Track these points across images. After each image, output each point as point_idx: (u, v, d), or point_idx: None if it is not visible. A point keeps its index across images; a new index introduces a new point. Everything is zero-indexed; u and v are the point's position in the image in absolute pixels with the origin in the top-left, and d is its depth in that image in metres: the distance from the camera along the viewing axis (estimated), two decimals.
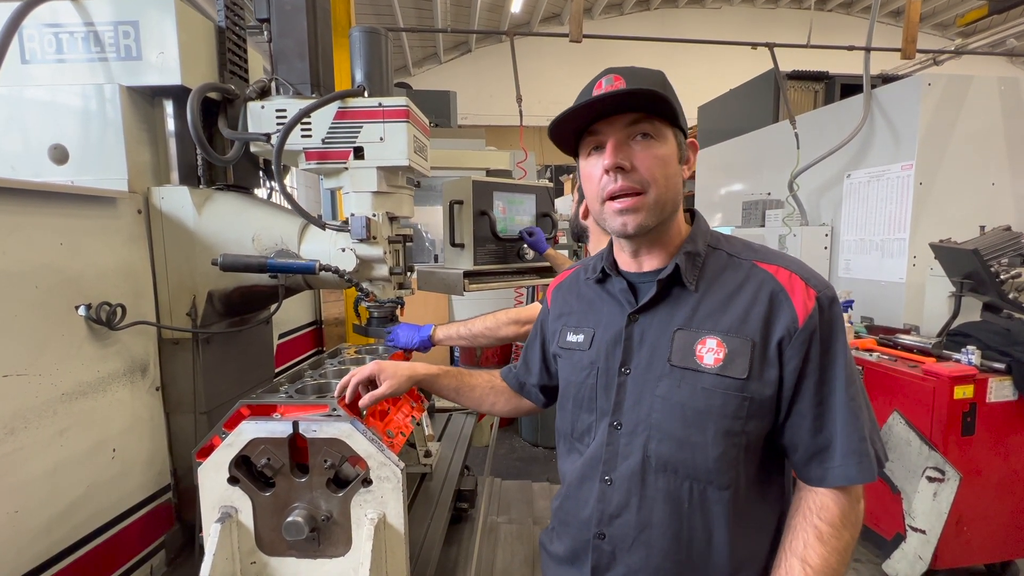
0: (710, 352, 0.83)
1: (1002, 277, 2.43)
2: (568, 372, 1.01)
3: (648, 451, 0.86)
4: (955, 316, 2.65)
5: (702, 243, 0.91)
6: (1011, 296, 2.45)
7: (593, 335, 0.96)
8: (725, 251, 0.91)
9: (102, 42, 1.32)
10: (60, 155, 1.32)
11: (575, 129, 0.90)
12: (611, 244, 1.01)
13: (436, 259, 4.05)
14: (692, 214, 0.98)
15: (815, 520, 0.81)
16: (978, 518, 2.38)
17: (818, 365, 0.82)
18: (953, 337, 2.55)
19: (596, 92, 0.84)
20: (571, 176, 10.69)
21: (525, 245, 2.28)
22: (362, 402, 1.07)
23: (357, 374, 1.10)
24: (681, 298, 0.88)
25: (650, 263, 0.93)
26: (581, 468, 0.94)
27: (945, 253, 2.65)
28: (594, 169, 0.88)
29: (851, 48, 4.15)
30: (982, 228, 2.77)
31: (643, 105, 0.83)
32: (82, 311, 1.14)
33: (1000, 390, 2.32)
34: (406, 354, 1.61)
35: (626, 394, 0.90)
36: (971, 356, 2.34)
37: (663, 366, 0.86)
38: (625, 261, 0.96)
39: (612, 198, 0.86)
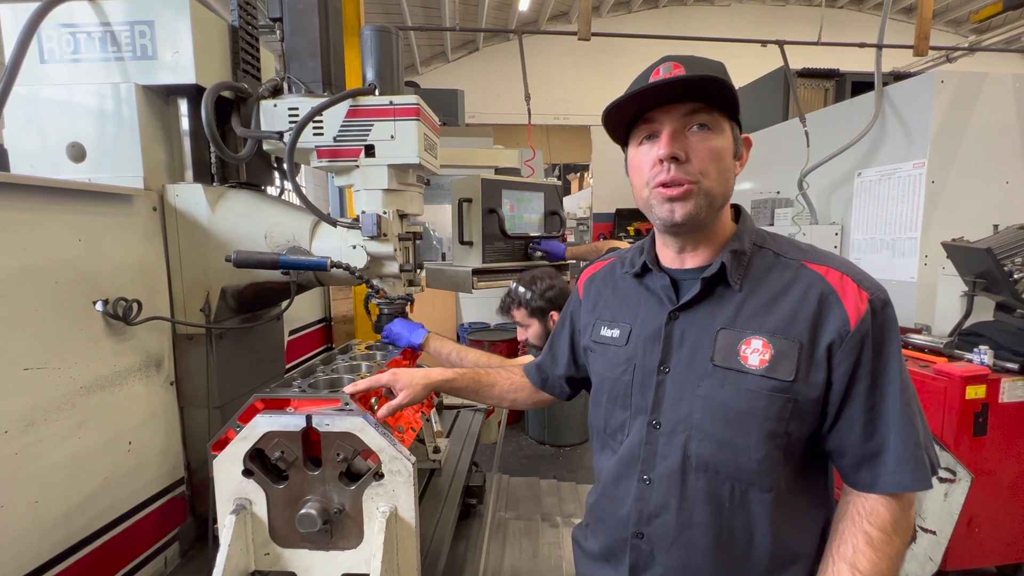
0: (755, 353, 0.81)
1: (1016, 276, 2.40)
2: (602, 367, 0.98)
3: (688, 451, 0.85)
4: (967, 316, 2.62)
5: (748, 241, 0.89)
6: None
7: (630, 331, 0.94)
8: (772, 250, 0.88)
9: (118, 42, 1.34)
10: (78, 153, 1.34)
11: (628, 117, 0.86)
12: (652, 238, 0.99)
13: (443, 257, 4.06)
14: (737, 211, 0.95)
15: (865, 525, 0.79)
16: (990, 519, 2.36)
17: (871, 370, 0.79)
18: (965, 337, 2.53)
19: (653, 79, 0.81)
20: (579, 175, 10.65)
21: (539, 253, 2.28)
22: (380, 413, 1.07)
23: (374, 381, 1.10)
24: (725, 297, 0.86)
25: (694, 260, 0.91)
26: (617, 466, 0.93)
27: (957, 252, 2.62)
28: (645, 158, 0.85)
29: (862, 45, 4.11)
30: (995, 227, 2.73)
31: (703, 95, 0.80)
32: (99, 306, 1.16)
33: (1013, 390, 2.29)
34: (414, 351, 1.62)
35: (665, 393, 0.88)
36: (983, 356, 2.31)
37: (705, 366, 0.84)
38: (669, 257, 0.94)
39: (663, 186, 0.83)
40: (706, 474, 0.84)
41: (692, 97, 0.80)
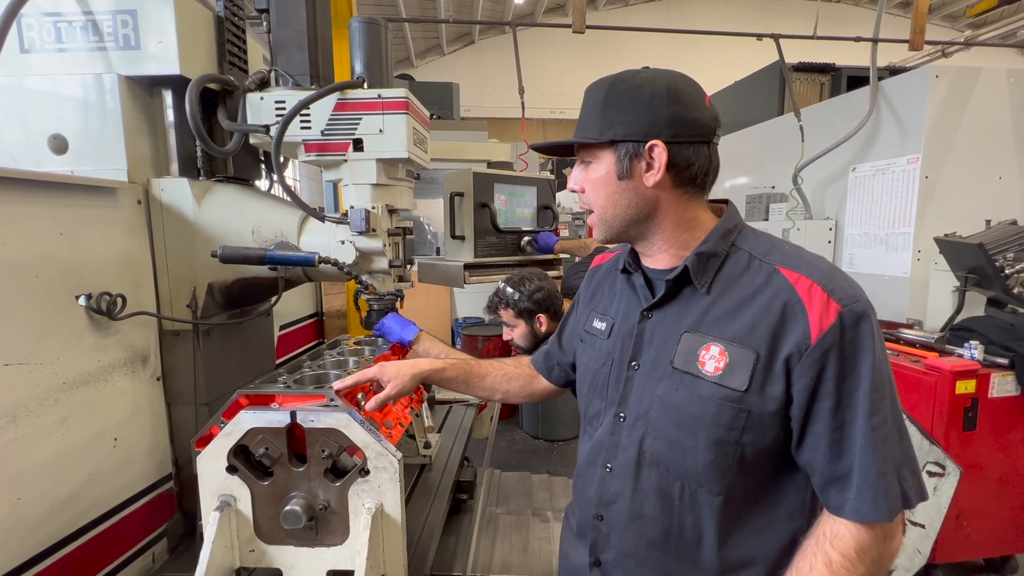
0: (712, 359, 0.81)
1: (1007, 272, 2.41)
2: (588, 358, 1.02)
3: (644, 446, 0.88)
4: (959, 311, 2.63)
5: (722, 242, 0.86)
6: (1016, 291, 2.43)
7: (613, 325, 0.98)
8: (748, 252, 0.86)
9: (101, 31, 1.32)
10: (60, 145, 1.32)
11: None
12: None
13: (438, 251, 4.05)
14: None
15: (827, 547, 0.76)
16: (978, 513, 2.38)
17: (835, 387, 0.75)
18: (956, 332, 2.54)
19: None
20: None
21: (532, 247, 2.28)
22: (368, 406, 1.06)
23: (360, 376, 1.09)
24: (694, 299, 0.86)
25: (662, 261, 0.92)
26: (589, 452, 0.98)
27: (950, 247, 2.63)
28: None
29: (858, 39, 4.09)
30: (988, 222, 2.74)
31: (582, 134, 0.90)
32: (83, 301, 1.15)
33: (1002, 385, 2.31)
34: (403, 347, 1.61)
35: (632, 388, 0.91)
36: (974, 351, 2.33)
37: (666, 367, 0.86)
38: (644, 257, 0.96)
39: None
40: (658, 470, 0.87)
41: (579, 137, 0.90)
